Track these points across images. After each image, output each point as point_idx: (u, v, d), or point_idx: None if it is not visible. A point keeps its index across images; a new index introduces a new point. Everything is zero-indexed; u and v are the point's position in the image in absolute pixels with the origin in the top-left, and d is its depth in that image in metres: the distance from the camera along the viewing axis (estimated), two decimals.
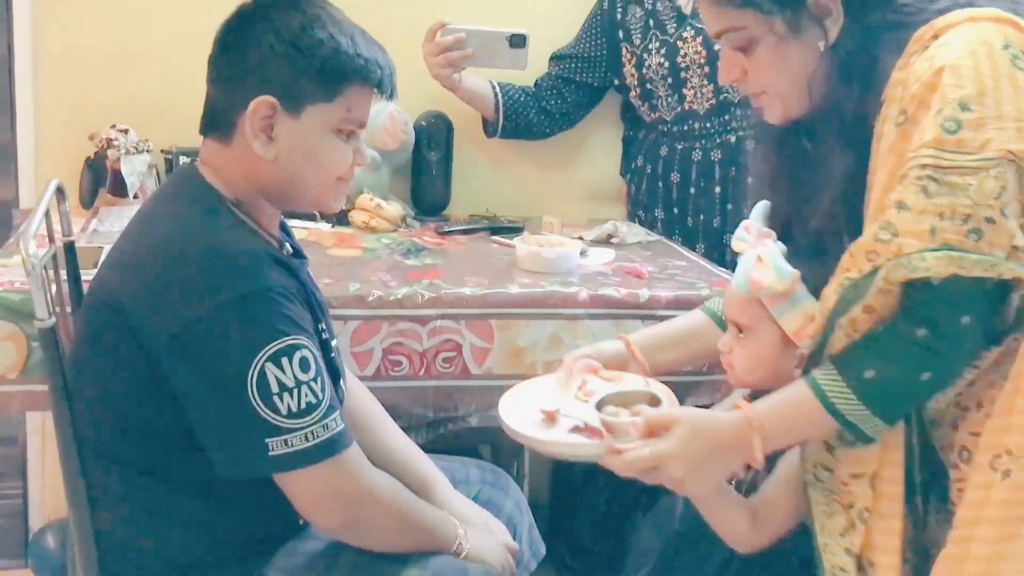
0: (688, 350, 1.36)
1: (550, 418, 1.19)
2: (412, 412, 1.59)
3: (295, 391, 1.06)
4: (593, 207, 2.34)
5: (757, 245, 1.19)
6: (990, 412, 1.05)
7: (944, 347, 1.01)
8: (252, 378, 1.05)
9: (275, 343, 1.06)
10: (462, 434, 1.81)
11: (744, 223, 1.26)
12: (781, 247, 1.19)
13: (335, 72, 1.13)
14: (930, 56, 1.03)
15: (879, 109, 1.07)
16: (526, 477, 2.08)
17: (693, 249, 2.04)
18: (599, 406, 1.16)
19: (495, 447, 2.07)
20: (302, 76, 1.12)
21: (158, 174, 2.05)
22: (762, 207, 1.26)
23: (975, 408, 1.07)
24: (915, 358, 1.02)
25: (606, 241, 2.01)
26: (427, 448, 1.43)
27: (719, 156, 2.07)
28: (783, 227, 1.23)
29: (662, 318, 1.56)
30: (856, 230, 1.07)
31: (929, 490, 1.12)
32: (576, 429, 1.17)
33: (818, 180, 1.16)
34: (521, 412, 1.22)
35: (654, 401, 1.19)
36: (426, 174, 2.19)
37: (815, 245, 1.17)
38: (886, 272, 0.99)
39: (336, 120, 1.15)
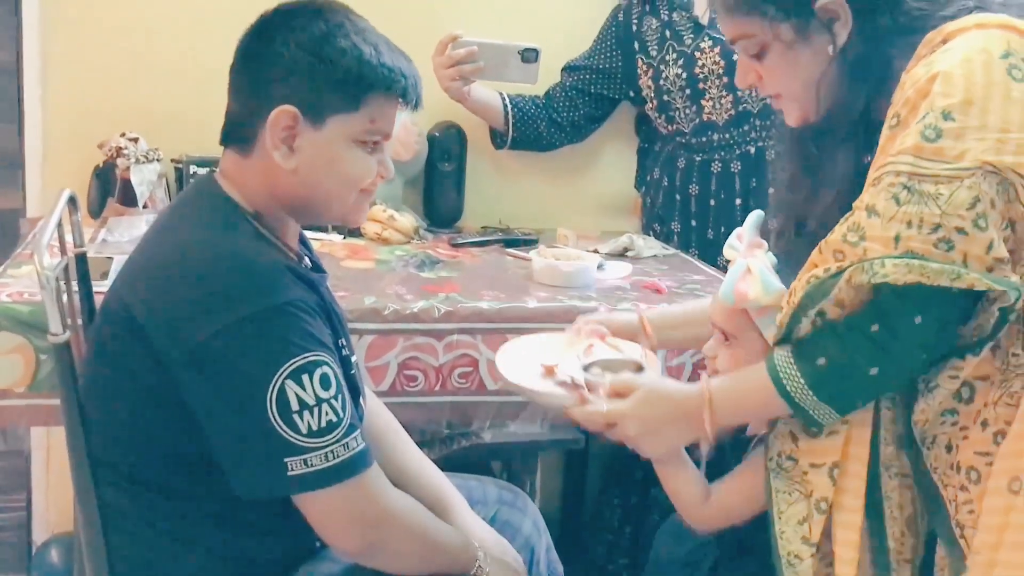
0: (698, 332, 1.37)
1: (548, 372, 1.25)
2: (427, 428, 1.56)
3: (315, 409, 1.03)
4: (606, 220, 2.31)
5: (747, 255, 1.19)
6: (999, 432, 1.03)
7: (893, 344, 1.01)
8: (271, 395, 1.02)
9: (296, 359, 1.03)
10: (475, 450, 1.79)
11: (737, 231, 1.26)
12: (772, 259, 1.19)
13: (358, 81, 1.10)
14: (931, 61, 1.03)
15: (887, 111, 1.06)
16: (538, 493, 2.05)
17: (713, 262, 2.01)
18: (587, 367, 1.25)
19: (508, 464, 2.03)
20: (324, 86, 1.09)
21: (168, 184, 2.02)
22: (756, 216, 1.26)
23: (978, 427, 1.05)
24: (865, 352, 1.02)
25: (622, 254, 1.99)
26: (439, 464, 1.40)
27: (738, 167, 2.04)
28: (795, 233, 1.22)
29: None
30: None
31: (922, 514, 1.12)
32: (563, 384, 1.23)
33: (822, 182, 1.16)
34: (520, 361, 1.30)
35: (639, 369, 1.26)
36: (439, 185, 2.16)
37: (814, 241, 1.16)
38: (848, 275, 1.00)
39: (359, 131, 1.12)
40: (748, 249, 1.21)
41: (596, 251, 1.97)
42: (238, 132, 1.14)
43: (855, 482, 1.10)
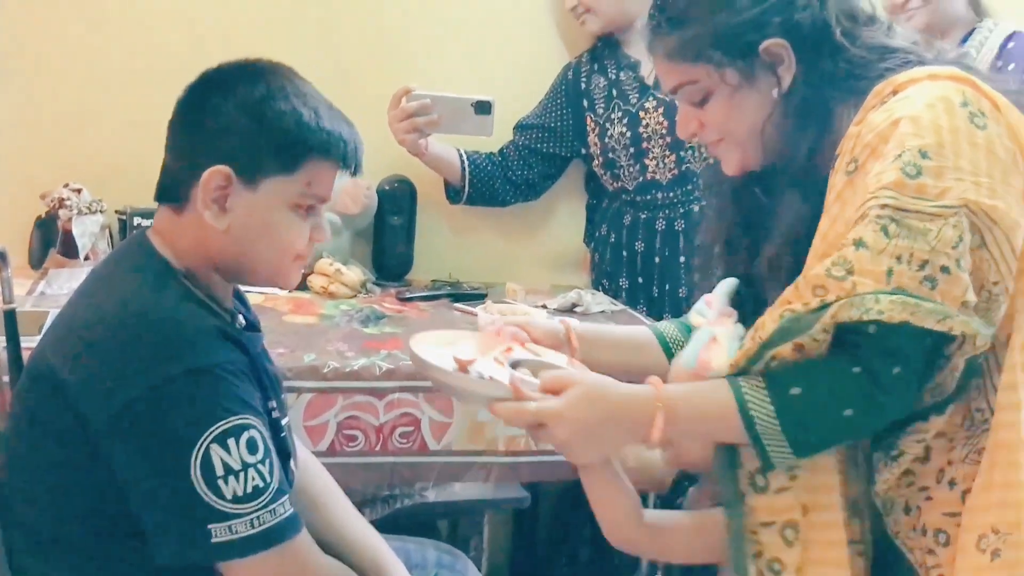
0: (624, 358, 1.31)
1: (461, 367, 1.11)
2: (367, 489, 1.54)
3: (241, 474, 1.01)
4: (556, 274, 2.32)
5: (716, 324, 1.16)
6: (968, 490, 1.02)
7: (875, 391, 0.99)
8: (196, 460, 0.99)
9: (221, 423, 1.01)
10: (420, 510, 1.76)
11: (706, 297, 1.24)
12: (740, 330, 1.15)
13: (296, 145, 1.09)
14: (888, 109, 1.03)
15: (833, 161, 1.07)
16: (485, 552, 2.02)
17: (659, 318, 2.02)
18: (514, 366, 1.14)
19: (453, 524, 2.01)
20: (261, 148, 1.08)
21: (111, 235, 2.00)
22: (728, 284, 1.24)
23: (944, 486, 1.04)
24: (845, 391, 0.99)
25: (570, 310, 1.99)
26: (382, 525, 1.37)
27: (682, 226, 2.07)
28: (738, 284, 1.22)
29: None
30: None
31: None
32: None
33: (768, 232, 1.16)
34: (433, 352, 1.16)
35: None
36: (388, 239, 2.16)
37: (758, 296, 1.16)
38: (836, 310, 0.96)
39: (295, 194, 1.11)
40: (718, 318, 1.18)
41: (544, 306, 1.97)
42: (172, 189, 1.13)
43: (833, 552, 1.05)
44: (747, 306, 1.20)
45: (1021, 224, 0.99)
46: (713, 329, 1.14)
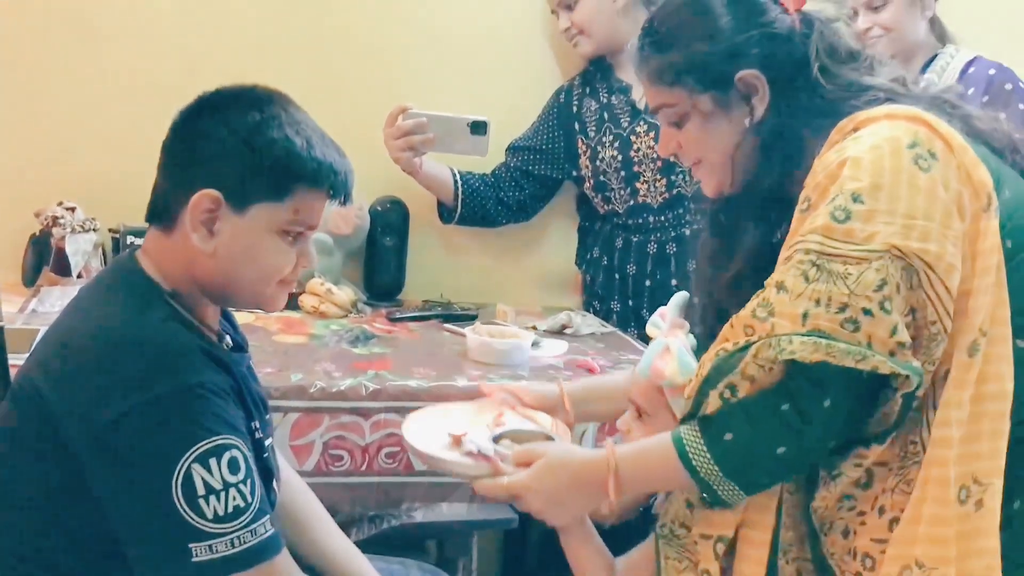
0: (619, 406, 1.36)
1: (455, 442, 1.24)
2: (354, 509, 1.54)
3: (222, 494, 1.01)
4: (548, 296, 2.33)
5: (668, 334, 1.21)
6: (895, 519, 1.04)
7: (802, 426, 1.02)
8: (177, 479, 1.00)
9: (203, 443, 1.01)
10: (408, 530, 1.76)
11: (660, 310, 1.28)
12: (692, 341, 1.21)
13: (285, 173, 1.10)
14: (842, 148, 1.06)
15: (800, 191, 1.09)
16: (474, 573, 2.01)
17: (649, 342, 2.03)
18: (497, 439, 1.24)
19: (442, 544, 2.00)
20: (251, 174, 1.10)
21: (104, 253, 2.01)
22: (680, 297, 1.28)
23: (875, 513, 1.06)
24: (774, 430, 1.02)
25: (560, 332, 2.00)
26: (370, 544, 1.38)
27: (673, 249, 2.08)
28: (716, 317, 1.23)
29: None
30: None
31: None
32: (470, 454, 1.22)
33: (731, 256, 1.19)
34: (428, 430, 1.29)
35: (548, 440, 1.25)
36: (380, 259, 2.17)
37: (719, 319, 1.17)
38: (755, 350, 1.01)
39: (282, 221, 1.12)
40: (670, 329, 1.23)
41: (535, 328, 1.98)
42: (163, 210, 1.14)
43: (754, 567, 1.10)
44: (710, 321, 1.23)
45: (956, 267, 1.00)
46: (665, 339, 1.19)
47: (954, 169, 1.03)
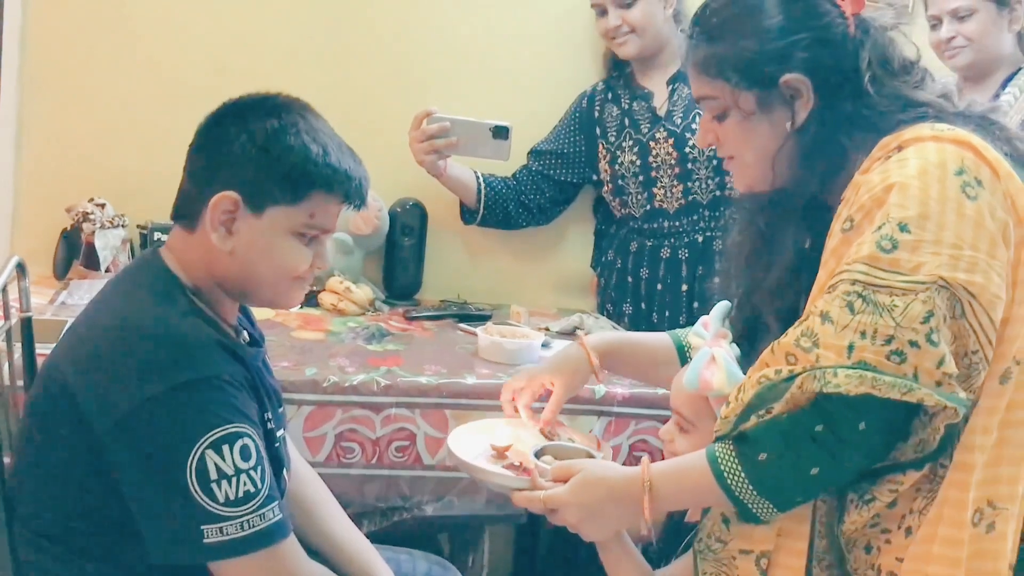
0: (640, 368, 1.41)
1: (499, 454, 1.28)
2: (366, 500, 1.58)
3: (234, 479, 1.06)
4: (563, 298, 2.36)
5: (713, 344, 1.21)
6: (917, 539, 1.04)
7: (837, 448, 1.01)
8: (192, 464, 1.05)
9: (217, 430, 1.06)
10: (419, 523, 1.80)
11: (703, 319, 1.28)
12: (735, 350, 1.21)
13: (301, 178, 1.15)
14: (886, 169, 1.04)
15: (839, 201, 1.09)
16: (485, 568, 2.05)
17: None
18: (539, 454, 1.27)
19: (453, 537, 2.04)
20: (268, 178, 1.15)
21: (132, 249, 2.08)
22: (723, 307, 1.28)
23: (902, 533, 1.06)
24: (808, 452, 1.02)
25: (572, 333, 2.03)
26: (381, 537, 1.42)
27: (686, 255, 2.10)
28: (743, 311, 1.25)
29: (617, 414, 1.57)
30: (798, 314, 1.08)
31: None
32: (511, 466, 1.25)
33: (768, 259, 1.18)
34: (472, 442, 1.32)
35: (588, 458, 1.26)
36: (399, 259, 2.22)
37: (755, 324, 1.19)
38: (800, 382, 1.00)
39: (298, 224, 1.17)
40: (714, 339, 1.23)
41: (547, 329, 2.01)
42: (186, 209, 1.19)
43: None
44: (741, 326, 1.24)
45: (1001, 297, 1.00)
46: (711, 349, 1.19)
47: (1000, 197, 1.02)
